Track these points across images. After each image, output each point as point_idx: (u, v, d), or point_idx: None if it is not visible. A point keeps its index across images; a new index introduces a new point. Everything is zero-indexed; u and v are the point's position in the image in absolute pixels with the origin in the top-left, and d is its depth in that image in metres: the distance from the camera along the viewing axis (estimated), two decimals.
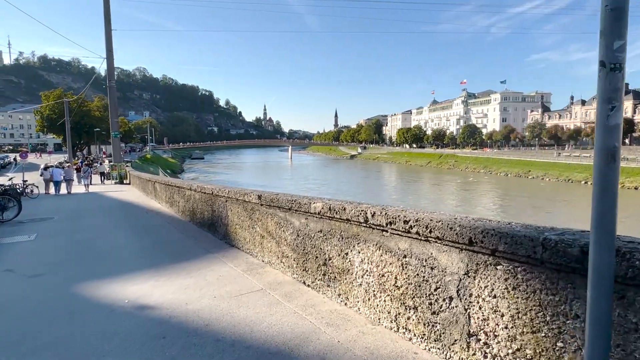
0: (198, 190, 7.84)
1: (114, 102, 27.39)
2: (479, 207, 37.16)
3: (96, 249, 6.80)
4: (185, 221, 8.99)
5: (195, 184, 8.09)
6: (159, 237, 7.46)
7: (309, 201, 3.90)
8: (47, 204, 15.79)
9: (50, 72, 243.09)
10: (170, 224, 8.80)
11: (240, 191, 5.65)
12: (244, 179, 69.60)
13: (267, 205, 4.82)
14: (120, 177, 27.33)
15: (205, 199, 7.39)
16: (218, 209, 6.74)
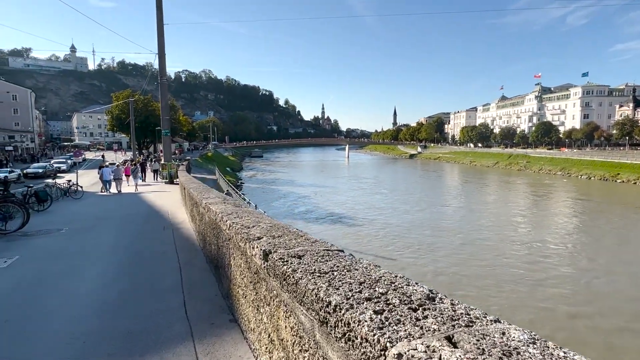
0: (206, 209, 5.40)
1: (165, 98, 26.52)
2: (557, 216, 31.58)
3: (40, 304, 4.54)
4: (196, 247, 6.65)
5: (205, 201, 5.66)
6: (144, 280, 5.12)
7: None
8: (76, 208, 14.58)
9: (127, 75, 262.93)
10: (175, 253, 6.48)
11: (242, 231, 3.05)
12: (300, 177, 68.18)
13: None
14: (170, 177, 26.41)
15: (212, 225, 4.93)
16: (222, 246, 4.23)
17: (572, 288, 15.45)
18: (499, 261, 19.17)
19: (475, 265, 18.46)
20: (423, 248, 21.82)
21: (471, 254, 20.44)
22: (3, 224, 9.02)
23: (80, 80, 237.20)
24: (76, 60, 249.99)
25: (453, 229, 27.04)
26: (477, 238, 24.19)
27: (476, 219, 30.52)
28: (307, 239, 2.69)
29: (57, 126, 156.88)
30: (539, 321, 12.43)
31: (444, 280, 16.82)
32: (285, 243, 2.56)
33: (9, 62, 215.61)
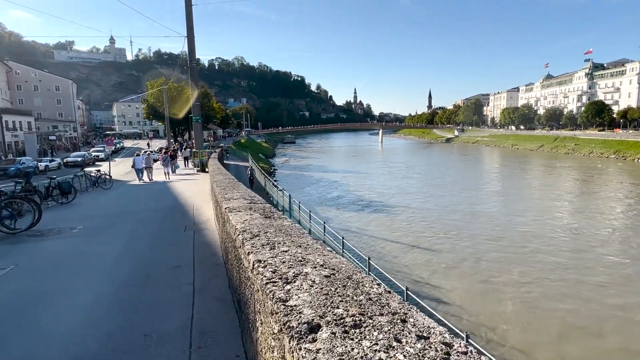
0: (226, 218, 3.99)
1: (195, 82, 25.52)
2: (610, 202, 28.24)
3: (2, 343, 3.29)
4: (219, 260, 5.27)
5: (225, 204, 4.25)
6: (142, 319, 3.76)
7: None
8: (100, 200, 13.76)
9: (163, 65, 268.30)
10: (192, 268, 5.13)
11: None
12: (332, 163, 66.86)
13: None
14: (201, 165, 25.59)
15: (232, 243, 3.50)
16: (244, 283, 2.76)
17: (622, 279, 13.71)
18: (543, 248, 17.74)
19: (517, 253, 17.30)
20: (463, 234, 20.75)
21: (512, 241, 19.21)
22: (12, 222, 8.09)
23: (119, 71, 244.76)
24: (115, 51, 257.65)
25: (494, 215, 25.55)
26: (518, 224, 22.67)
27: (518, 204, 28.53)
28: None
29: (99, 115, 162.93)
30: (585, 314, 11.07)
31: (484, 267, 15.68)
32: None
33: (54, 56, 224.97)
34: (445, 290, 13.44)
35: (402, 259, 17.38)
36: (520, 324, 11.23)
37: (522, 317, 11.64)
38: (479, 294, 13.25)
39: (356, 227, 23.48)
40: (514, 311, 11.97)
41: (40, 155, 44.26)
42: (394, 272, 13.20)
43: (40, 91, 75.11)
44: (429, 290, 13.27)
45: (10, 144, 48.04)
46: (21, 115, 55.91)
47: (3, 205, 7.92)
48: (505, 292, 13.39)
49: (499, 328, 10.89)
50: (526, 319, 11.53)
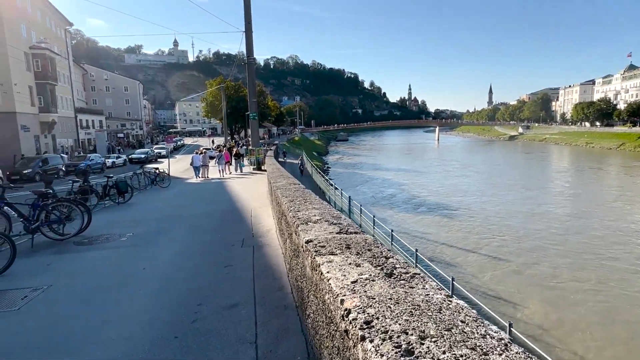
0: (308, 253, 2.61)
1: (252, 79, 24.86)
2: None
3: None
4: (286, 300, 3.92)
5: (305, 235, 2.88)
6: None
7: None
8: (156, 200, 13.22)
9: (221, 65, 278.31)
10: (253, 308, 3.84)
11: None
12: (386, 160, 64.82)
13: None
14: (258, 163, 24.95)
15: (327, 313, 2.12)
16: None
17: None
18: (621, 256, 16.27)
19: (589, 259, 16.04)
20: (525, 236, 19.65)
21: (584, 246, 17.80)
22: (60, 227, 7.44)
23: (181, 72, 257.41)
24: (178, 53, 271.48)
25: (562, 217, 23.64)
26: (590, 228, 20.92)
27: (590, 207, 25.84)
28: None
29: (163, 114, 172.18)
30: None
31: (551, 274, 14.49)
32: None
33: (125, 59, 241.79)
34: (518, 300, 12.09)
35: (463, 263, 16.11)
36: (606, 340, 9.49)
37: (605, 333, 9.78)
38: (553, 307, 11.77)
39: (411, 227, 22.16)
40: (594, 324, 10.24)
41: (108, 152, 46.69)
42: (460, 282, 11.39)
43: (111, 92, 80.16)
44: (504, 307, 11.41)
45: (84, 141, 51.27)
46: (94, 114, 59.71)
47: (50, 209, 7.27)
48: (578, 302, 11.82)
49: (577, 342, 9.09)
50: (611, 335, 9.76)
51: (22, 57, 34.47)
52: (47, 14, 42.25)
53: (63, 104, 43.99)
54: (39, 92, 37.32)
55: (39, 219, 7.14)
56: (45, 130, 38.44)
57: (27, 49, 35.75)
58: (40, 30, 39.17)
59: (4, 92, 32.18)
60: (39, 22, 39.83)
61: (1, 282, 5.24)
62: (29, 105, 35.40)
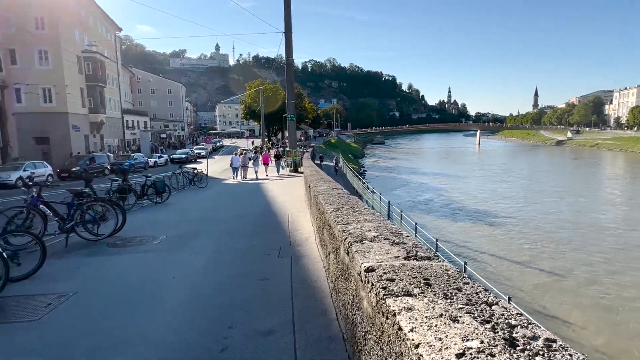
0: (365, 281, 1.97)
1: (291, 80, 24.56)
2: None
3: None
4: (331, 330, 3.30)
5: (363, 259, 2.27)
6: None
7: None
8: (193, 201, 13.06)
9: (260, 68, 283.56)
10: (292, 336, 3.25)
11: None
12: (423, 164, 63.05)
13: None
14: (294, 165, 24.62)
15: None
16: None
17: None
18: None
19: None
20: (572, 247, 18.27)
21: None
22: (94, 227, 7.24)
23: (222, 75, 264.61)
24: (219, 57, 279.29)
25: (613, 227, 21.97)
26: None
27: None
28: None
29: (204, 116, 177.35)
30: None
31: (602, 290, 13.05)
32: None
33: (170, 63, 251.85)
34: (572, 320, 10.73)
35: (510, 277, 15.14)
36: None
37: None
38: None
39: (450, 234, 21.20)
40: None
41: (151, 151, 48.26)
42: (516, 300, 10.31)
43: (156, 94, 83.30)
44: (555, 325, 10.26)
45: (129, 140, 53.34)
46: (139, 115, 62.10)
47: (85, 208, 7.09)
48: None
49: None
50: None
51: (74, 60, 36.23)
52: (98, 19, 44.30)
53: (111, 105, 45.90)
54: (89, 93, 39.08)
55: (74, 219, 6.97)
56: (94, 130, 40.20)
57: (80, 53, 37.54)
58: (92, 34, 41.07)
59: (57, 93, 33.90)
60: (91, 27, 41.79)
61: (30, 285, 5.00)
62: (79, 106, 37.11)
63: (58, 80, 33.82)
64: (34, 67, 33.21)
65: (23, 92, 32.60)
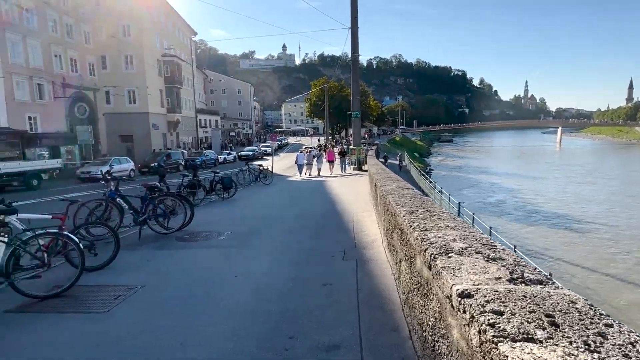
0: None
1: (356, 76, 24.13)
2: None
3: None
4: (404, 350, 2.87)
5: (456, 280, 1.84)
6: None
7: None
8: (257, 197, 13.21)
9: (325, 66, 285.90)
10: (359, 355, 2.88)
11: None
12: (495, 164, 59.02)
13: None
14: (358, 163, 24.21)
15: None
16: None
17: None
18: None
19: None
20: None
21: None
22: (165, 221, 7.48)
23: (288, 75, 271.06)
24: (286, 57, 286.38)
25: None
26: None
27: None
28: None
29: (270, 115, 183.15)
30: None
31: None
32: None
33: (240, 64, 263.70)
34: None
35: (594, 287, 13.71)
36: None
37: None
38: None
39: (525, 238, 19.52)
40: None
41: (221, 149, 50.68)
42: None
43: (226, 94, 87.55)
44: None
45: (202, 138, 56.55)
46: (211, 115, 65.60)
47: (157, 202, 7.34)
48: None
49: None
50: None
51: (155, 64, 39.12)
52: (176, 25, 47.42)
53: (186, 105, 48.95)
54: (167, 94, 42.00)
55: (146, 212, 7.25)
56: (171, 128, 43.15)
57: (160, 57, 40.46)
58: (170, 39, 44.06)
59: (140, 94, 36.85)
60: (170, 32, 44.85)
61: (104, 275, 5.19)
62: (159, 106, 40.03)
63: (141, 82, 36.76)
64: (120, 71, 36.43)
65: (111, 94, 35.91)
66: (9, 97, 25.30)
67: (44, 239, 4.68)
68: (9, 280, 4.26)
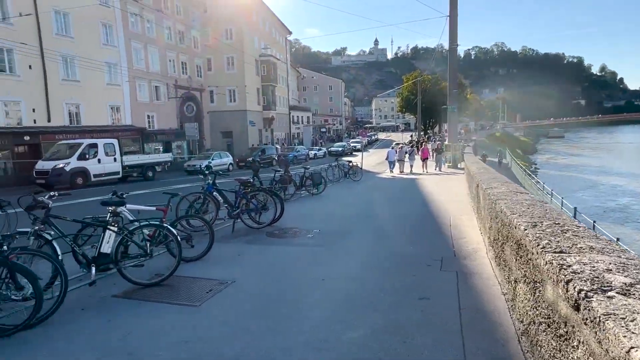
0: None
1: (454, 67, 22.47)
2: None
3: None
4: None
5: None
6: None
7: None
8: (346, 194, 13.00)
9: (419, 60, 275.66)
10: None
11: None
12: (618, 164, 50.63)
13: None
14: (454, 160, 22.65)
15: None
16: None
17: None
18: None
19: None
20: None
21: None
22: (257, 216, 7.62)
23: (379, 70, 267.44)
24: (377, 52, 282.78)
25: None
26: None
27: None
28: None
29: (360, 111, 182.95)
30: None
31: None
32: None
33: (332, 61, 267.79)
34: None
35: None
36: None
37: None
38: None
39: None
40: None
41: (312, 144, 51.91)
42: None
43: (318, 90, 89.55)
44: None
45: (294, 134, 58.59)
46: (303, 111, 67.59)
47: (249, 197, 7.50)
48: None
49: None
50: None
51: (253, 64, 41.39)
52: (272, 25, 49.58)
53: (280, 102, 51.02)
54: (263, 92, 44.18)
55: (239, 206, 7.45)
56: (266, 124, 45.38)
57: (257, 57, 42.69)
58: (266, 39, 46.21)
59: (239, 93, 39.37)
60: (267, 32, 47.05)
61: (198, 267, 5.37)
62: (255, 104, 42.32)
63: (240, 82, 39.22)
64: (223, 72, 39.30)
65: (215, 93, 38.95)
66: (132, 99, 28.93)
67: (148, 229, 4.97)
68: (117, 266, 4.59)
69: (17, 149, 21.53)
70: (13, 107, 21.45)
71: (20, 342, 3.31)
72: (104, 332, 3.48)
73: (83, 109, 25.09)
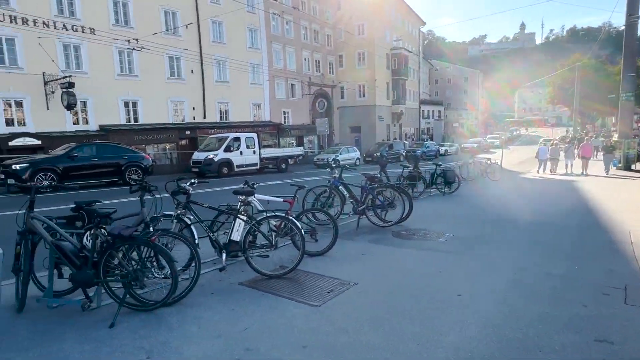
0: None
1: (632, 46, 18.17)
2: None
3: None
4: None
5: None
6: None
7: None
8: (484, 194, 11.46)
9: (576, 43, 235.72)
10: None
11: None
12: None
13: None
14: (626, 161, 18.43)
15: None
16: None
17: None
18: None
19: None
20: None
21: None
22: (382, 213, 7.15)
23: (524, 57, 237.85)
24: (524, 37, 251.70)
25: None
26: None
27: None
28: None
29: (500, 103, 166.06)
30: None
31: None
32: None
33: (468, 51, 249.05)
34: None
35: None
36: None
37: None
38: None
39: None
40: None
41: (443, 140, 48.95)
42: None
43: (451, 83, 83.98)
44: None
45: (424, 129, 56.19)
46: (434, 105, 64.27)
47: (376, 193, 7.07)
48: None
49: None
50: None
51: (384, 57, 40.82)
52: (405, 17, 48.05)
53: (410, 96, 49.36)
54: (393, 86, 43.27)
55: (365, 202, 7.10)
56: (394, 119, 44.45)
57: (388, 50, 41.95)
58: (398, 32, 45.03)
59: (368, 88, 39.31)
60: (399, 25, 45.83)
61: (321, 262, 5.19)
62: (384, 98, 41.74)
63: (370, 77, 39.12)
64: (354, 67, 39.75)
65: (345, 89, 39.68)
66: (271, 96, 31.40)
67: (274, 220, 4.97)
68: (245, 254, 4.67)
69: (181, 142, 25.41)
70: (179, 107, 25.41)
71: (160, 319, 3.51)
72: (227, 321, 3.48)
73: (231, 107, 28.29)
